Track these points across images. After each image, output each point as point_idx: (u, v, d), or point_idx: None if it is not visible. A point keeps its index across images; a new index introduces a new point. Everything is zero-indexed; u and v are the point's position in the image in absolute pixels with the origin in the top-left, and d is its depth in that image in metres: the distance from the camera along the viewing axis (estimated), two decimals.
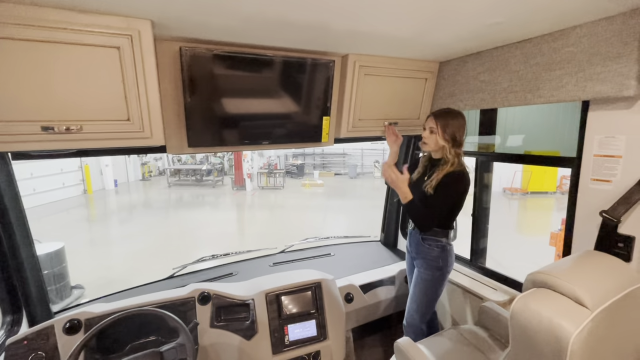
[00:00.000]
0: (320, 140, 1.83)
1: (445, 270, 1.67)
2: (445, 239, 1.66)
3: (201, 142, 1.52)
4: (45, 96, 1.09)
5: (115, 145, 1.25)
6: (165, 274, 2.09)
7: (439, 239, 1.65)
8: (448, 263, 1.67)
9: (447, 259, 1.66)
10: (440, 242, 1.65)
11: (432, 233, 1.66)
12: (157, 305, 1.47)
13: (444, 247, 1.65)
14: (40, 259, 1.59)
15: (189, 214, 9.51)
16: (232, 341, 1.54)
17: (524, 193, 11.24)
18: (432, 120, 1.62)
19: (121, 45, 1.13)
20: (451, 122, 1.58)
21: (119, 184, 13.91)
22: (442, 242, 1.65)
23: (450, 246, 1.69)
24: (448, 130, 1.57)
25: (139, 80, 1.21)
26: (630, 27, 1.12)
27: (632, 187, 1.21)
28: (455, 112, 1.62)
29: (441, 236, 1.65)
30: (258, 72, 1.52)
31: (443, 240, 1.65)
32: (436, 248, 1.65)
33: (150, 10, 1.07)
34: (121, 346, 1.38)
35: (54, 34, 1.04)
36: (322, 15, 1.13)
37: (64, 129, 1.12)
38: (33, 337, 1.29)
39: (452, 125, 1.57)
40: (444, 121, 1.58)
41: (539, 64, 1.41)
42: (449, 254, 1.68)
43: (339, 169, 17.76)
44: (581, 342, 0.77)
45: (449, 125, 1.57)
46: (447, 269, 1.68)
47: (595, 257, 1.06)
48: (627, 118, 1.22)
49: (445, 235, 1.66)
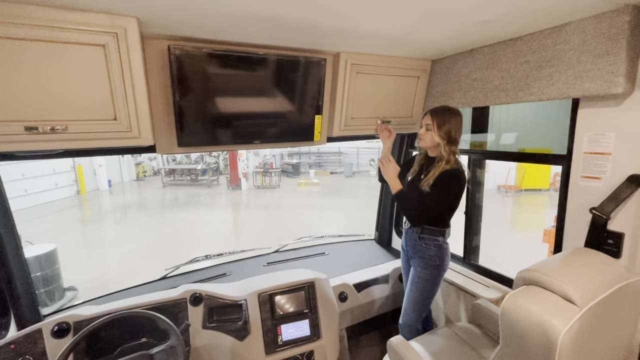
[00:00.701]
0: (313, 139, 1.81)
1: (441, 269, 1.67)
2: (442, 238, 1.66)
3: (191, 141, 1.50)
4: (28, 95, 1.06)
5: (102, 146, 1.22)
6: (160, 275, 2.07)
7: (436, 237, 1.65)
8: (445, 262, 1.67)
9: (443, 258, 1.66)
10: (437, 240, 1.65)
11: (428, 232, 1.65)
12: (148, 306, 1.45)
13: (440, 245, 1.65)
14: (31, 261, 1.57)
15: (184, 214, 9.46)
16: (224, 342, 1.53)
17: (518, 190, 11.33)
18: (429, 117, 1.61)
19: (106, 43, 1.11)
20: (447, 119, 1.57)
21: (113, 184, 13.79)
22: (439, 240, 1.65)
23: (447, 245, 1.69)
24: (444, 128, 1.56)
25: (126, 79, 1.18)
26: (618, 25, 1.12)
27: (621, 184, 1.21)
28: (452, 110, 1.60)
29: (438, 235, 1.65)
30: (248, 70, 1.51)
31: (440, 239, 1.65)
32: (433, 247, 1.64)
33: (135, 7, 1.05)
34: (111, 349, 1.36)
35: (36, 31, 1.02)
36: (310, 12, 1.12)
37: (49, 129, 1.10)
38: (20, 341, 1.27)
39: (448, 123, 1.56)
40: (441, 118, 1.57)
41: (530, 61, 1.41)
42: (446, 252, 1.67)
43: (335, 167, 17.77)
44: (570, 339, 0.78)
45: (445, 122, 1.56)
46: (444, 268, 1.68)
47: (584, 254, 1.07)
48: (616, 115, 1.22)
49: (442, 234, 1.65)
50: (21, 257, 1.52)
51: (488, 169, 11.45)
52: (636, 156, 1.18)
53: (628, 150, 1.20)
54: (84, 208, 10.53)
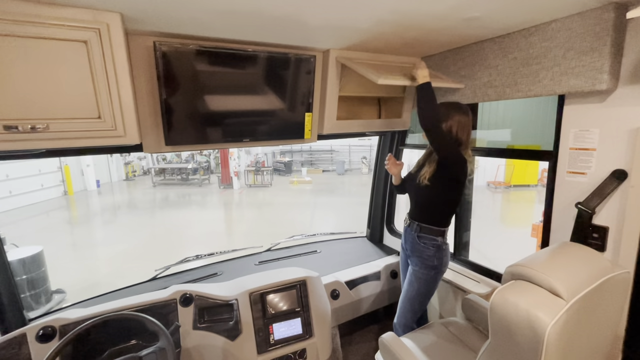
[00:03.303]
0: (303, 137, 1.80)
1: (439, 270, 1.64)
2: (442, 238, 1.64)
3: (180, 140, 1.48)
4: (7, 93, 1.03)
5: (86, 145, 1.19)
6: (150, 276, 2.04)
7: (435, 237, 1.63)
8: (443, 262, 1.64)
9: (442, 259, 1.63)
10: (436, 241, 1.62)
11: (428, 231, 1.63)
12: (136, 308, 1.43)
13: (439, 246, 1.63)
14: (16, 264, 1.53)
15: (175, 213, 9.34)
16: (216, 342, 1.51)
17: (507, 186, 11.52)
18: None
19: (88, 39, 1.08)
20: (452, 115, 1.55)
21: (101, 184, 13.53)
22: (438, 241, 1.63)
23: (446, 245, 1.67)
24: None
25: (110, 76, 1.15)
26: (602, 22, 1.14)
27: (605, 179, 1.24)
28: (464, 107, 1.59)
29: (437, 235, 1.63)
30: (237, 67, 1.49)
31: (439, 240, 1.63)
32: (432, 247, 1.62)
33: (118, 2, 1.02)
34: (99, 352, 1.33)
35: (15, 27, 0.98)
36: (297, 8, 1.11)
37: (29, 128, 1.06)
38: (3, 347, 1.23)
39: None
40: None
41: (517, 58, 1.42)
42: (445, 253, 1.65)
43: (327, 165, 17.77)
44: (557, 332, 0.79)
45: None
46: (442, 269, 1.65)
47: (570, 248, 1.08)
48: (601, 112, 1.25)
49: (442, 234, 1.64)
50: (4, 260, 1.48)
51: (478, 165, 11.62)
52: (620, 151, 1.21)
53: (612, 146, 1.23)
54: (72, 209, 10.31)
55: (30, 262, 3.91)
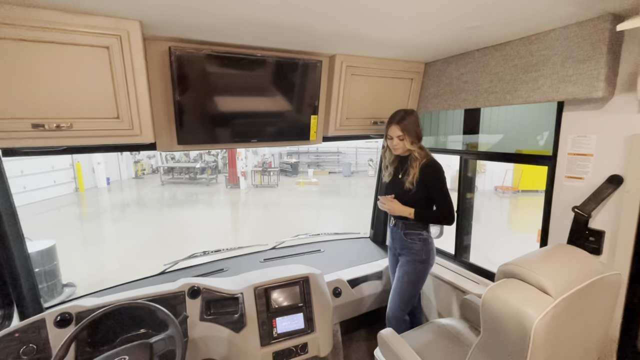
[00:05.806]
0: (309, 139, 1.87)
1: (427, 263, 1.75)
2: (426, 232, 1.75)
3: (191, 139, 1.56)
4: (35, 94, 1.12)
5: (105, 143, 1.28)
6: (159, 271, 2.12)
7: (420, 232, 1.74)
8: (430, 255, 1.75)
9: (429, 252, 1.75)
10: (421, 235, 1.74)
11: (412, 227, 1.74)
12: (147, 298, 1.50)
13: (425, 239, 1.74)
14: (30, 256, 1.61)
15: (182, 212, 9.47)
16: (221, 334, 1.58)
17: (515, 191, 11.40)
18: (397, 129, 1.67)
19: (110, 45, 1.16)
20: (410, 123, 1.67)
21: (111, 182, 13.79)
22: (424, 235, 1.74)
23: (432, 239, 1.78)
24: (412, 132, 1.67)
25: (128, 79, 1.24)
26: (599, 32, 1.18)
27: (601, 184, 1.27)
28: (409, 111, 1.71)
29: (421, 229, 1.74)
30: (247, 71, 1.56)
31: (424, 233, 1.74)
32: (418, 241, 1.73)
33: (138, 11, 1.10)
34: (112, 338, 1.41)
35: (44, 34, 1.07)
36: (307, 17, 1.17)
37: (55, 126, 1.15)
38: (24, 330, 1.31)
39: (412, 125, 1.67)
40: (406, 125, 1.66)
41: (517, 65, 1.47)
42: (431, 247, 1.76)
43: (333, 167, 17.80)
44: (544, 327, 0.83)
45: (410, 126, 1.66)
46: (430, 262, 1.76)
47: (564, 250, 1.12)
48: (597, 118, 1.28)
49: (425, 228, 1.75)
50: (25, 251, 1.56)
51: (485, 170, 11.52)
52: (616, 157, 1.24)
53: (608, 152, 1.26)
54: (83, 205, 10.54)
55: (44, 255, 4.06)
